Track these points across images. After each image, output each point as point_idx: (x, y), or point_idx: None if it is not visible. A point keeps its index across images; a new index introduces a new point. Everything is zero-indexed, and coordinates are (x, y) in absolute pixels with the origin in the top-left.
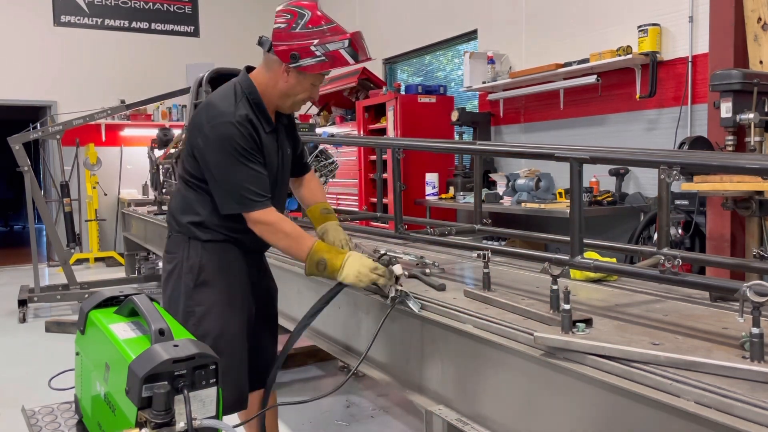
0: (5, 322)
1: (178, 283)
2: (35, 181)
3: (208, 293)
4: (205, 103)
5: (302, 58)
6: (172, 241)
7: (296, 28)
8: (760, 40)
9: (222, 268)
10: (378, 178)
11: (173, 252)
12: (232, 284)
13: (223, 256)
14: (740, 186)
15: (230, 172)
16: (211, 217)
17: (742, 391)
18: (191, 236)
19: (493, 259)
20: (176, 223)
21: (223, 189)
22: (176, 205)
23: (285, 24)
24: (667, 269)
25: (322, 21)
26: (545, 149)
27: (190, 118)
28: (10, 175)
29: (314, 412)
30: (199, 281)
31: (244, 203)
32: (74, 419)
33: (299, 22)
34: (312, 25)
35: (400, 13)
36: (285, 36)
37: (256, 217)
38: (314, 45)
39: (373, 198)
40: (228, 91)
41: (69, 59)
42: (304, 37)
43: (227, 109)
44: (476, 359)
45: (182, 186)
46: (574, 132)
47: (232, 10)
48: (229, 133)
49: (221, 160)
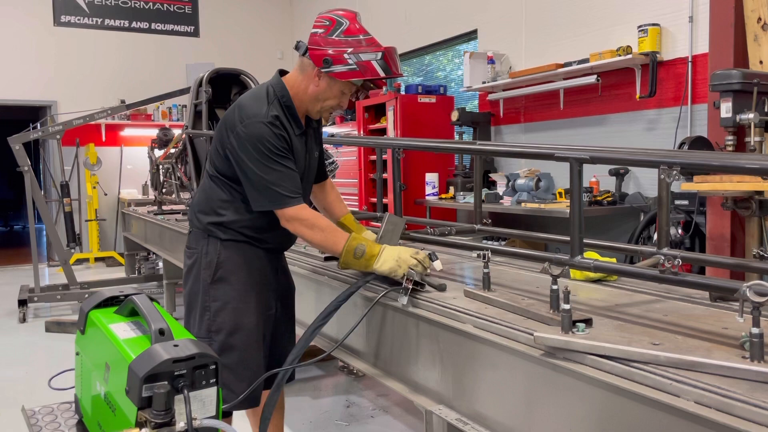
0: (5, 322)
1: (198, 278)
2: (35, 181)
3: (225, 289)
4: (237, 103)
5: (335, 64)
6: (192, 236)
7: (333, 35)
8: (760, 40)
9: (239, 265)
10: (378, 178)
11: (193, 247)
12: (249, 281)
13: (241, 254)
14: (740, 186)
15: (264, 171)
16: (234, 217)
17: (742, 391)
18: (211, 234)
19: (493, 259)
20: (197, 221)
21: (257, 187)
22: (199, 203)
23: (323, 30)
24: (667, 269)
25: (359, 32)
26: (545, 149)
27: (223, 116)
28: (11, 175)
29: (314, 412)
30: (216, 277)
31: (279, 200)
32: (74, 419)
33: (336, 29)
34: (348, 35)
35: (400, 13)
36: (321, 41)
37: (291, 214)
38: (348, 53)
39: (373, 198)
40: (260, 93)
41: (69, 59)
42: (340, 45)
43: (259, 110)
44: (476, 359)
45: (209, 183)
46: (574, 132)
47: (232, 10)
48: (261, 132)
49: (254, 159)
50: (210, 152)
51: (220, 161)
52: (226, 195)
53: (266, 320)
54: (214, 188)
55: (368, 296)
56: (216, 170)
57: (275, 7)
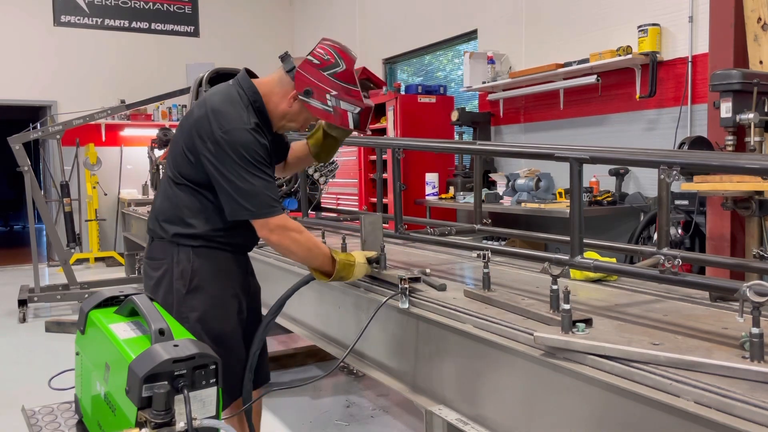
0: (5, 322)
1: (170, 289)
2: (35, 181)
3: (202, 298)
4: (211, 108)
5: (314, 98)
6: (157, 246)
7: (325, 72)
8: (760, 40)
9: (214, 272)
10: (378, 178)
11: (160, 258)
12: (224, 287)
13: (214, 260)
14: (740, 186)
15: (247, 180)
16: (204, 225)
17: (742, 391)
18: (180, 243)
19: (493, 259)
20: (162, 230)
21: (239, 196)
22: (163, 211)
23: (319, 62)
24: (667, 269)
25: (350, 80)
26: (545, 149)
27: (191, 120)
28: (11, 175)
29: (314, 412)
30: (192, 287)
31: (264, 209)
32: (74, 419)
33: (331, 68)
34: (339, 79)
35: (400, 13)
36: (312, 71)
37: (276, 223)
38: (331, 95)
39: (373, 198)
40: (232, 96)
41: (69, 59)
42: (327, 84)
43: (238, 115)
44: (476, 359)
45: (173, 191)
46: (574, 132)
47: (232, 10)
48: (245, 139)
49: (237, 167)
50: (172, 158)
51: (188, 168)
52: (194, 202)
53: (241, 323)
54: (181, 196)
55: (373, 299)
56: (182, 176)
57: (275, 7)
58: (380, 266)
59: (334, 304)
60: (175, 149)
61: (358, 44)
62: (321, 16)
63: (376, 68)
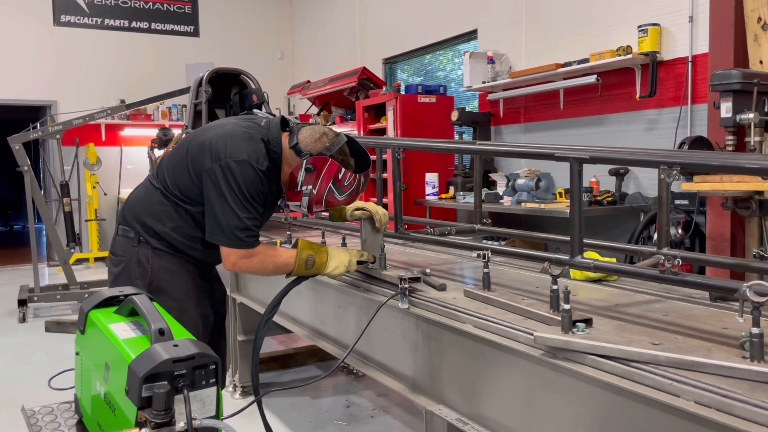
0: (5, 322)
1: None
2: (35, 181)
3: (162, 299)
4: (230, 134)
5: (314, 172)
6: (119, 243)
7: (329, 152)
8: (760, 40)
9: (174, 274)
10: (378, 178)
11: (120, 254)
12: (185, 290)
13: (174, 262)
14: (740, 186)
15: (234, 210)
16: (175, 236)
17: (742, 391)
18: (142, 239)
19: (493, 259)
20: (129, 226)
21: (220, 221)
22: (138, 210)
23: (327, 151)
24: (667, 269)
25: (347, 180)
26: (545, 149)
27: (207, 141)
28: (10, 174)
29: (314, 412)
30: (152, 288)
31: (236, 241)
32: (74, 419)
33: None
34: (331, 175)
35: (400, 13)
36: (318, 154)
37: (242, 253)
38: (321, 180)
39: (373, 198)
40: (256, 135)
41: (69, 59)
42: (322, 176)
43: (254, 154)
44: (476, 359)
45: (159, 197)
46: (574, 132)
47: (232, 10)
48: (249, 175)
49: (233, 196)
50: (171, 167)
51: (186, 182)
52: (175, 214)
53: (205, 327)
54: (165, 204)
55: (373, 300)
56: (177, 188)
57: (275, 7)
58: (378, 266)
59: (335, 304)
60: (179, 161)
61: (358, 44)
62: (321, 16)
63: (376, 68)
